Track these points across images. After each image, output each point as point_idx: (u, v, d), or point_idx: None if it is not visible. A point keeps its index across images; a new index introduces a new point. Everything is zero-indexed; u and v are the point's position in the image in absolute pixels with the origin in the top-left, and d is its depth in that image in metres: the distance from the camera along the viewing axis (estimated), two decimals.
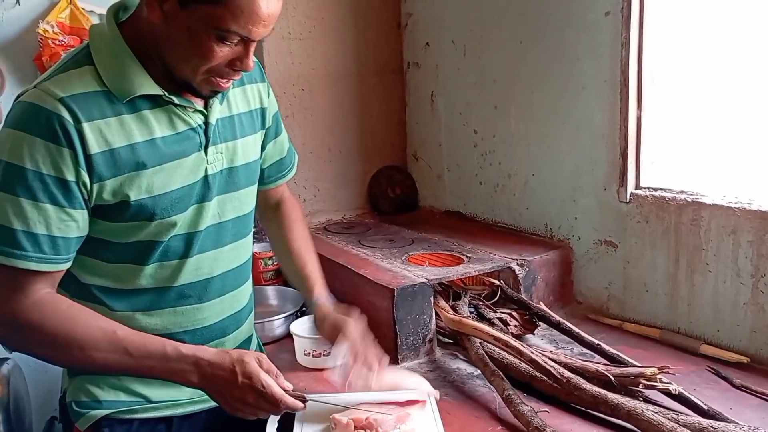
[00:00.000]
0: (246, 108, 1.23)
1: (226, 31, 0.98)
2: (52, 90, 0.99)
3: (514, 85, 1.97)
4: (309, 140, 2.30)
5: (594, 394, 1.22)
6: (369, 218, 2.38)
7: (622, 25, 1.62)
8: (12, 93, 1.93)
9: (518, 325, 1.62)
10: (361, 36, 2.34)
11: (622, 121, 1.66)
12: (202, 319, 1.20)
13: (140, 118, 1.05)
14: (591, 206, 1.78)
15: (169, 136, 1.08)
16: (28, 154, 0.97)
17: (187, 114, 1.10)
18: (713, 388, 1.35)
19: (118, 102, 1.03)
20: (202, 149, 1.12)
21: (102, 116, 1.02)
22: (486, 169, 2.13)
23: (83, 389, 1.17)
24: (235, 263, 1.24)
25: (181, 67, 1.04)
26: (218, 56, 1.00)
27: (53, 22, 1.91)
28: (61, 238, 1.01)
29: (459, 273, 1.69)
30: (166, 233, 1.11)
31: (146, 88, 1.05)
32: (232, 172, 1.19)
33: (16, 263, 0.99)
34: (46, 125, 0.98)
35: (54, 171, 0.99)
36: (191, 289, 1.17)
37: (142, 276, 1.13)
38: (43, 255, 1.00)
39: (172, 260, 1.14)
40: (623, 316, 1.72)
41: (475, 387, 1.42)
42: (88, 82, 1.02)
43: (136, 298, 1.14)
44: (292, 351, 1.57)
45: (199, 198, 1.14)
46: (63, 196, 1.00)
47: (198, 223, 1.15)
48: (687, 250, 1.56)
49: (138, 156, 1.05)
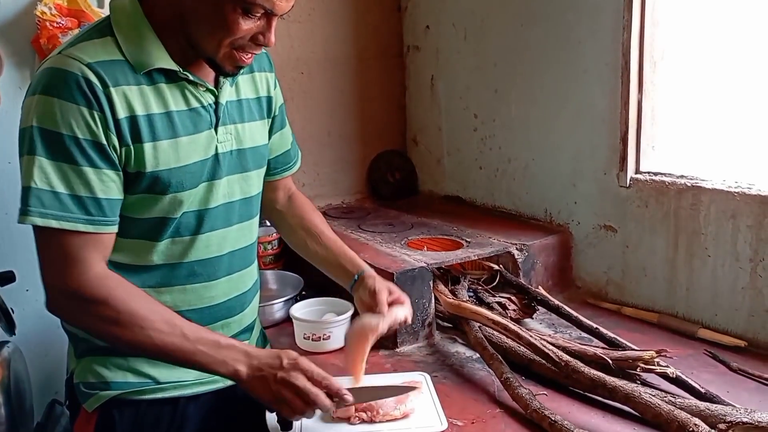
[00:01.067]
0: (254, 95, 1.25)
1: (251, 4, 1.00)
2: (78, 55, 1.01)
3: (515, 68, 1.96)
4: (308, 124, 2.29)
5: (592, 377, 1.23)
6: (368, 203, 2.38)
7: (623, 8, 1.61)
8: (11, 76, 1.92)
9: (517, 310, 1.63)
10: (360, 19, 2.32)
11: (623, 105, 1.65)
12: (210, 298, 1.21)
13: (157, 91, 1.08)
14: (591, 191, 1.78)
15: (183, 111, 1.10)
16: (62, 118, 0.99)
17: (199, 92, 1.12)
18: (710, 372, 1.36)
19: (137, 73, 1.05)
20: (212, 128, 1.14)
21: (126, 83, 1.04)
22: (486, 153, 2.13)
23: (91, 370, 1.17)
24: (242, 243, 1.26)
25: (206, 41, 1.05)
26: (242, 29, 1.03)
27: (51, 4, 1.89)
28: (105, 200, 1.03)
29: (458, 257, 1.69)
30: (178, 209, 1.12)
31: (162, 62, 1.07)
32: (241, 154, 1.20)
33: (66, 226, 1.00)
34: (77, 89, 0.99)
35: (89, 134, 1.01)
36: (201, 266, 1.19)
37: (154, 252, 1.14)
38: (90, 216, 1.02)
39: (184, 236, 1.16)
40: (622, 301, 1.73)
41: (474, 370, 1.43)
42: (111, 51, 1.04)
43: (147, 275, 1.15)
44: (292, 335, 1.58)
45: (209, 175, 1.15)
46: (100, 159, 1.02)
47: (209, 201, 1.16)
48: (686, 235, 1.56)
49: (155, 127, 1.07)
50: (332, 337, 1.52)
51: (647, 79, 1.63)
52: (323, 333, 1.52)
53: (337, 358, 1.49)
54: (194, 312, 1.18)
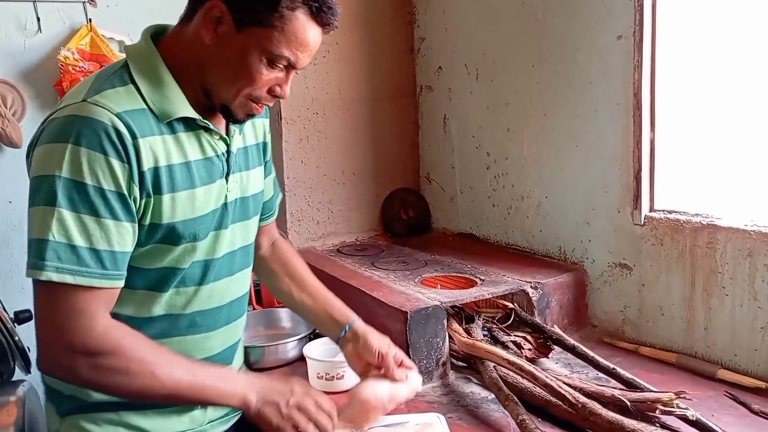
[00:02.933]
0: (254, 141, 1.27)
1: (278, 56, 1.03)
2: (106, 104, 1.00)
3: (527, 108, 1.98)
4: (323, 163, 2.32)
5: (610, 419, 1.21)
6: (382, 240, 2.39)
7: (634, 48, 1.63)
8: (32, 118, 1.97)
9: (532, 349, 1.61)
10: (374, 61, 2.37)
11: (636, 143, 1.66)
12: (209, 348, 1.20)
13: (177, 140, 1.08)
14: (605, 229, 1.78)
15: (200, 161, 1.11)
16: (89, 168, 0.97)
17: (214, 140, 1.13)
18: (731, 414, 1.33)
19: (159, 122, 1.05)
20: (223, 177, 1.15)
21: (151, 133, 1.04)
22: (499, 191, 2.14)
23: (79, 428, 1.13)
24: (241, 292, 1.26)
25: (223, 89, 1.07)
26: (264, 80, 1.05)
27: (74, 48, 1.96)
28: (120, 253, 1.02)
29: (472, 296, 1.68)
30: (188, 259, 1.12)
31: (185, 111, 1.07)
32: (244, 202, 1.21)
33: (82, 281, 0.98)
34: (107, 139, 0.98)
35: (114, 186, 0.99)
36: (202, 317, 1.18)
37: (158, 303, 1.13)
38: (105, 271, 1.00)
39: (188, 287, 1.15)
40: (639, 340, 1.70)
41: (489, 411, 1.41)
42: (135, 100, 1.04)
43: (148, 326, 1.12)
44: (305, 374, 1.57)
45: (217, 225, 1.15)
46: (122, 210, 1.01)
47: (215, 251, 1.16)
48: (703, 274, 1.55)
49: (174, 178, 1.06)
50: (346, 377, 1.51)
51: (660, 117, 1.64)
52: (337, 372, 1.51)
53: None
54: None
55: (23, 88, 1.95)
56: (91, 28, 2.01)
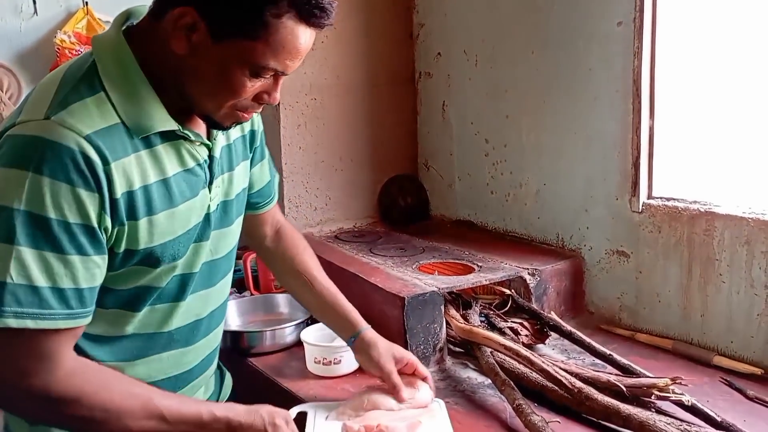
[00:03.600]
0: (239, 133, 1.17)
1: (263, 67, 0.92)
2: (74, 125, 0.87)
3: (526, 95, 1.98)
4: (320, 149, 2.31)
5: (606, 404, 1.22)
6: (380, 227, 2.38)
7: (634, 35, 1.62)
8: None
9: (529, 335, 1.62)
10: (373, 46, 2.36)
11: (635, 130, 1.66)
12: (187, 363, 1.14)
13: (154, 155, 0.96)
14: (603, 216, 1.78)
15: (179, 174, 1.00)
16: (52, 201, 0.85)
17: (195, 148, 1.02)
18: (726, 400, 1.34)
19: (134, 137, 0.93)
20: (206, 186, 1.05)
21: (125, 154, 0.92)
22: (497, 178, 2.14)
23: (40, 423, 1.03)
24: (221, 300, 1.20)
25: (205, 101, 0.97)
26: (248, 91, 0.95)
27: (70, 32, 1.94)
28: (87, 289, 0.91)
29: (470, 282, 1.69)
30: (166, 278, 1.04)
31: (163, 123, 0.96)
32: (227, 206, 1.13)
33: (44, 325, 0.87)
34: (74, 167, 0.86)
35: (81, 218, 0.88)
36: (180, 333, 1.11)
37: (131, 322, 1.05)
38: (71, 311, 0.90)
39: (164, 303, 1.07)
40: (635, 327, 1.71)
41: (486, 396, 1.41)
42: (107, 114, 0.91)
43: (120, 346, 1.06)
44: (303, 359, 1.57)
45: (198, 237, 1.07)
46: (89, 244, 0.90)
47: (194, 264, 1.08)
48: (700, 261, 1.55)
49: (151, 199, 0.96)
50: (343, 362, 1.51)
51: (659, 104, 1.64)
52: (334, 357, 1.51)
53: (347, 382, 1.49)
54: (169, 380, 1.12)
55: (19, 71, 1.93)
56: (87, 12, 1.99)
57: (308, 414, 1.25)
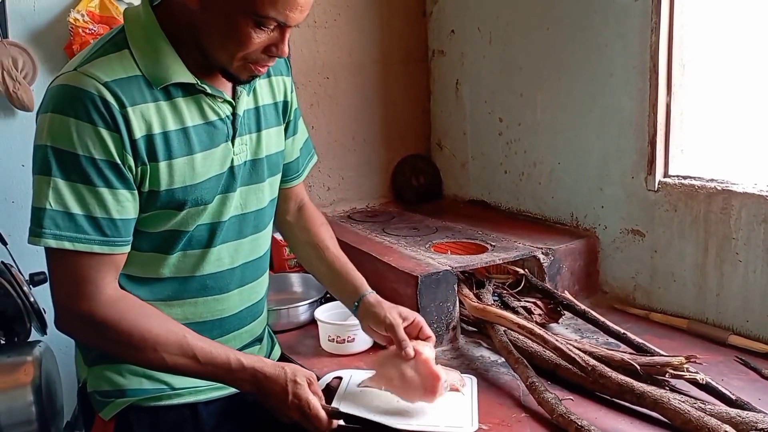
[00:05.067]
0: (271, 100, 1.23)
1: (264, 17, 0.98)
2: (94, 73, 0.99)
3: (541, 72, 1.95)
4: (333, 128, 2.31)
5: (619, 382, 1.22)
6: (393, 207, 2.38)
7: (651, 10, 1.59)
8: (43, 81, 1.96)
9: (542, 314, 1.61)
10: (385, 24, 2.34)
11: (651, 108, 1.63)
12: (221, 310, 1.21)
13: (174, 106, 1.06)
14: (618, 195, 1.76)
15: (200, 125, 1.09)
16: (78, 138, 0.97)
17: (217, 104, 1.10)
18: (741, 379, 1.33)
19: (154, 88, 1.03)
20: (229, 140, 1.13)
21: (143, 101, 1.02)
22: (511, 157, 2.12)
23: (105, 378, 1.17)
24: (255, 255, 1.25)
25: (218, 53, 1.03)
26: (255, 42, 1.01)
27: (83, 11, 1.94)
28: (120, 220, 1.02)
29: (483, 261, 1.68)
30: (192, 222, 1.12)
31: (180, 76, 1.05)
32: (256, 164, 1.19)
33: (81, 247, 0.99)
34: (93, 109, 0.97)
35: (105, 155, 0.99)
36: (213, 279, 1.18)
37: (165, 265, 1.14)
38: (106, 238, 1.01)
39: (195, 249, 1.15)
40: (650, 306, 1.70)
41: (499, 374, 1.42)
42: (128, 67, 1.02)
43: (158, 287, 1.14)
44: (317, 337, 1.58)
45: (224, 188, 1.14)
46: (116, 179, 1.00)
47: (222, 214, 1.15)
48: (716, 239, 1.53)
49: (170, 145, 1.05)
50: (356, 340, 1.52)
51: (676, 81, 1.61)
52: (348, 335, 1.52)
53: (361, 360, 1.50)
54: (205, 324, 1.18)
55: (34, 50, 1.93)
56: None
57: (343, 378, 1.32)
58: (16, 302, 1.65)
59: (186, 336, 1.05)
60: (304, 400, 1.08)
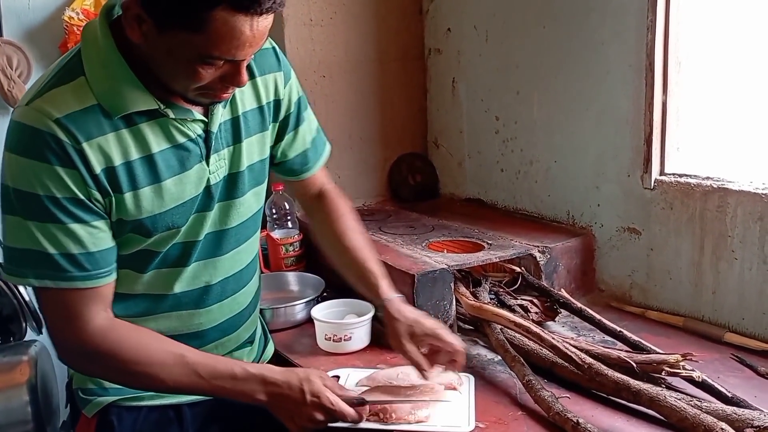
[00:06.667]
0: (255, 104, 1.15)
1: (208, 57, 0.92)
2: (45, 109, 0.93)
3: (537, 70, 1.95)
4: (329, 127, 2.27)
5: (616, 380, 1.22)
6: (389, 205, 2.38)
7: (648, 7, 1.59)
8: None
9: (539, 312, 1.61)
10: (382, 22, 2.33)
11: (647, 106, 1.63)
12: (199, 324, 1.18)
13: (136, 133, 1.00)
14: (614, 193, 1.76)
15: (167, 150, 1.03)
16: (36, 179, 0.93)
17: (186, 125, 1.04)
18: (737, 376, 1.34)
19: (112, 118, 0.98)
20: (203, 160, 1.07)
21: (100, 133, 0.97)
22: (507, 156, 2.12)
23: (89, 376, 1.16)
24: (236, 269, 1.21)
25: (172, 84, 0.98)
26: (205, 77, 0.95)
27: (78, 9, 1.94)
28: (98, 252, 0.99)
29: (480, 260, 1.68)
30: (165, 244, 1.09)
31: (139, 104, 0.99)
32: (234, 178, 1.13)
33: (63, 285, 0.97)
34: (47, 148, 0.93)
35: (67, 192, 0.95)
36: (187, 296, 1.15)
37: (138, 282, 1.11)
38: (87, 272, 0.98)
39: (169, 268, 1.12)
40: (646, 304, 1.70)
41: (496, 373, 1.42)
42: (84, 97, 0.96)
43: (131, 303, 1.12)
44: (313, 336, 1.58)
45: (199, 208, 1.10)
46: (84, 213, 0.97)
47: (198, 232, 1.11)
48: (712, 237, 1.54)
49: (134, 174, 1.00)
50: (353, 338, 1.52)
51: (672, 80, 1.61)
52: (344, 334, 1.52)
53: (358, 358, 1.50)
54: (181, 337, 1.14)
55: (28, 48, 1.93)
56: None
57: (340, 377, 1.31)
58: (11, 302, 1.65)
59: (185, 355, 1.03)
60: (324, 397, 1.05)
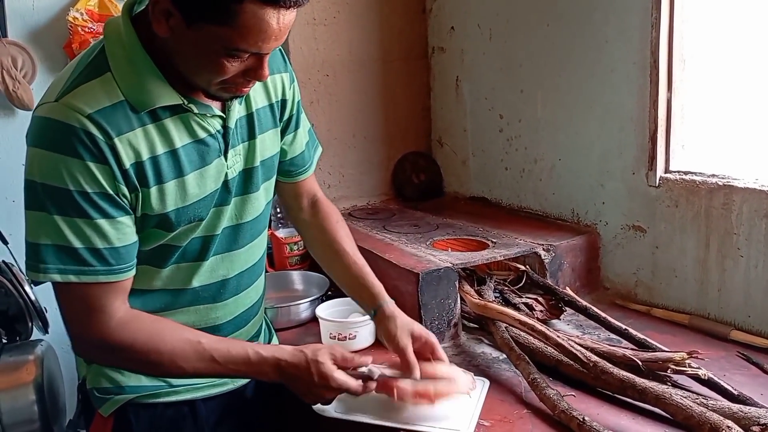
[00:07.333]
0: (265, 102, 1.19)
1: (235, 50, 0.94)
2: (77, 105, 0.95)
3: (541, 69, 1.95)
4: (333, 126, 2.31)
5: (621, 378, 1.21)
6: (393, 204, 2.38)
7: (652, 5, 1.59)
8: (43, 80, 1.97)
9: (544, 311, 1.61)
10: (385, 21, 2.33)
11: (652, 104, 1.63)
12: (216, 318, 1.21)
13: (161, 128, 1.02)
14: (619, 191, 1.76)
15: (189, 145, 1.06)
16: (67, 174, 0.95)
17: (206, 120, 1.07)
18: (743, 374, 1.33)
19: (139, 113, 1.00)
20: (221, 155, 1.10)
21: (129, 128, 0.99)
22: (512, 154, 2.12)
23: (104, 375, 1.17)
24: (251, 262, 1.24)
25: (195, 79, 1.01)
26: (230, 71, 0.97)
27: (83, 9, 1.94)
28: (122, 247, 1.01)
29: (484, 258, 1.68)
30: (185, 238, 1.11)
31: (165, 99, 1.01)
32: (249, 173, 1.16)
33: (86, 279, 0.98)
34: (80, 143, 0.95)
35: (97, 187, 0.97)
36: (206, 290, 1.17)
37: (158, 278, 1.13)
38: (110, 267, 1.00)
39: (188, 262, 1.14)
40: (651, 302, 1.70)
41: (501, 371, 1.42)
42: (111, 93, 0.98)
43: (150, 299, 1.13)
44: (318, 334, 1.58)
45: (218, 202, 1.12)
46: (112, 208, 0.99)
47: (216, 227, 1.14)
48: (718, 235, 1.53)
49: (160, 169, 1.03)
50: (358, 337, 1.52)
51: (677, 77, 1.61)
52: (349, 333, 1.52)
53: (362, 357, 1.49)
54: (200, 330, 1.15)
55: (33, 49, 1.94)
56: None
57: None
58: (17, 301, 1.65)
59: (201, 341, 1.05)
60: (330, 378, 1.08)
